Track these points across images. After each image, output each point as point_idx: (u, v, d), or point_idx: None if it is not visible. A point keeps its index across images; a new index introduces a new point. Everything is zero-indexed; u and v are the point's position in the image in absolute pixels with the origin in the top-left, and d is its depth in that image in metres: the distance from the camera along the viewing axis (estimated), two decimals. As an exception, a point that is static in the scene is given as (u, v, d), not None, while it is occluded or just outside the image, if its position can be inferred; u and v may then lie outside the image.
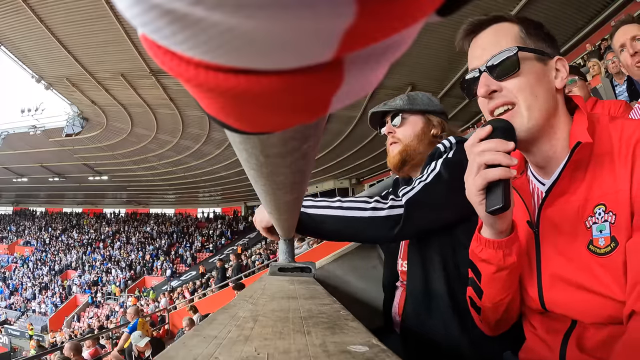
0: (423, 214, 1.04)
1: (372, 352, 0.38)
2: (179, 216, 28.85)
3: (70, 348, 5.05)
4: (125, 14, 0.11)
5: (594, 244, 0.70)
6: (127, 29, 10.03)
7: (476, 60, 0.79)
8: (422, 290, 1.09)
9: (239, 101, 0.15)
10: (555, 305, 0.75)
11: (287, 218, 0.78)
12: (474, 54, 0.80)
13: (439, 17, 0.13)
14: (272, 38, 0.11)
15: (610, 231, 0.68)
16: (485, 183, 0.69)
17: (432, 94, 1.38)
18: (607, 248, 0.68)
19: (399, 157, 1.23)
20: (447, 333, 1.03)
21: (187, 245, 24.64)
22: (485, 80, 0.76)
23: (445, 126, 1.26)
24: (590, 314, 0.71)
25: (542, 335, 0.80)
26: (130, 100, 14.46)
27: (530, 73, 0.75)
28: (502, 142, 0.69)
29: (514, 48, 0.75)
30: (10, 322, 19.86)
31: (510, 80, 0.75)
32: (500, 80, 0.75)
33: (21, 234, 28.68)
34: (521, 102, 0.74)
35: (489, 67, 0.76)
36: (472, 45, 0.81)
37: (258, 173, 0.35)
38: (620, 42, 1.66)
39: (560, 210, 0.74)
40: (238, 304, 0.68)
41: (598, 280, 0.69)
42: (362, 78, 0.15)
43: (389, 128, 1.26)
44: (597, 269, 0.69)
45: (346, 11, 0.11)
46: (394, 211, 1.04)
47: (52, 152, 20.75)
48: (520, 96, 0.74)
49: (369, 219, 1.04)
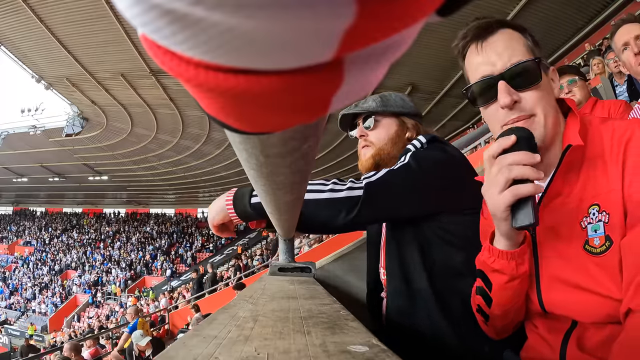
0: (383, 199, 0.99)
1: (372, 352, 0.38)
2: (179, 216, 28.86)
3: (70, 348, 5.05)
4: (125, 14, 0.11)
5: (589, 244, 0.70)
6: (127, 29, 10.03)
7: (489, 66, 0.75)
8: (404, 290, 1.06)
9: (239, 101, 0.15)
10: (555, 306, 0.76)
11: (287, 218, 0.78)
12: (487, 58, 0.76)
13: (439, 17, 0.13)
14: (272, 38, 0.11)
15: (604, 230, 0.68)
16: (514, 200, 0.66)
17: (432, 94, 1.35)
18: (602, 247, 0.68)
19: (371, 161, 1.17)
20: (433, 328, 1.01)
21: (187, 245, 24.65)
22: (506, 90, 0.73)
23: (420, 129, 1.20)
24: (589, 313, 0.71)
25: (544, 334, 0.80)
26: (130, 100, 14.47)
27: (545, 84, 0.75)
28: (529, 155, 0.66)
29: (536, 59, 0.74)
30: (10, 322, 19.86)
31: (530, 92, 0.73)
32: (520, 91, 0.73)
33: (21, 234, 28.69)
34: (540, 113, 0.73)
35: (508, 76, 0.73)
36: (481, 49, 0.77)
37: (258, 173, 0.35)
38: (624, 41, 1.65)
39: (556, 212, 0.75)
40: (238, 304, 0.68)
41: (595, 280, 0.69)
42: (362, 78, 0.15)
43: (361, 131, 1.20)
44: (593, 268, 0.69)
45: (346, 11, 0.11)
46: (352, 192, 0.98)
47: (52, 152, 20.76)
48: (539, 107, 0.73)
49: (325, 200, 0.98)
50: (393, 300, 1.11)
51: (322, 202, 0.99)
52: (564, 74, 2.57)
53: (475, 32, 0.77)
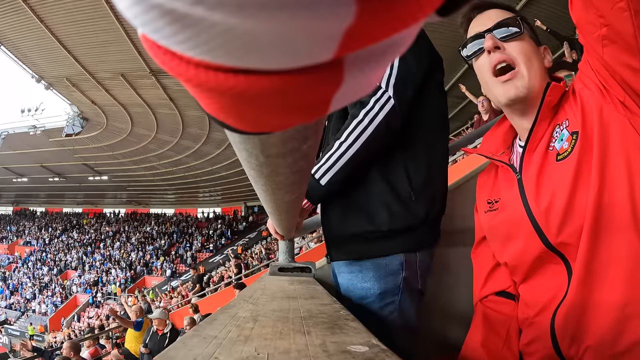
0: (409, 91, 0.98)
1: (372, 352, 0.38)
2: (179, 216, 28.86)
3: (70, 347, 5.05)
4: (126, 14, 0.11)
5: (560, 154, 0.77)
6: (127, 29, 10.03)
7: (481, 27, 0.87)
8: None
9: (239, 101, 0.15)
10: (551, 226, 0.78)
11: (287, 218, 0.78)
12: (480, 22, 0.88)
13: (439, 17, 0.13)
14: (273, 38, 0.11)
15: (568, 132, 0.76)
16: None
17: None
18: (572, 142, 0.75)
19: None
20: None
21: (187, 245, 24.64)
22: (491, 37, 0.84)
23: None
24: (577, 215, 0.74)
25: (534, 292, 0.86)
26: (130, 100, 14.47)
27: (529, 43, 0.85)
28: None
29: (518, 17, 0.85)
30: (10, 322, 19.86)
31: (513, 43, 0.83)
32: (504, 41, 0.84)
33: (21, 234, 28.68)
34: (521, 65, 0.82)
35: (494, 28, 0.85)
36: (477, 18, 0.89)
37: (258, 173, 0.35)
38: None
39: (536, 155, 0.82)
40: (238, 304, 0.68)
41: (575, 177, 0.74)
42: (362, 78, 0.15)
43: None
44: (570, 169, 0.75)
45: (346, 11, 0.11)
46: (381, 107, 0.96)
47: (52, 152, 20.76)
48: (521, 59, 0.82)
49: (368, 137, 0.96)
50: None
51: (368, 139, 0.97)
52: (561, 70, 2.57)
53: (474, 5, 0.90)
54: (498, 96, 0.85)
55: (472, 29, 0.89)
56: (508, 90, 0.83)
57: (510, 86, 0.82)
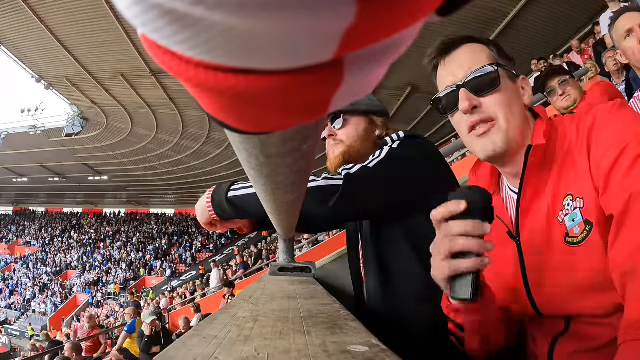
0: (363, 191, 0.96)
1: (372, 352, 0.38)
2: (179, 216, 28.84)
3: (71, 348, 5.06)
4: (126, 14, 0.11)
5: (570, 236, 0.70)
6: (127, 29, 10.03)
7: (452, 77, 0.79)
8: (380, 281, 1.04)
9: (239, 101, 0.15)
10: (549, 307, 0.75)
11: (287, 218, 0.78)
12: (451, 70, 0.79)
13: (439, 17, 0.13)
14: (273, 38, 0.11)
15: (582, 216, 0.69)
16: (453, 274, 0.62)
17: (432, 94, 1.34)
18: (584, 233, 0.69)
19: (341, 158, 1.13)
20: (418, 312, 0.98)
21: (187, 246, 24.63)
22: (466, 96, 0.75)
23: (389, 127, 1.18)
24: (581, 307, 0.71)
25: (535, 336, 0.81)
26: (130, 100, 14.46)
27: (507, 90, 0.77)
28: (478, 225, 0.61)
29: (495, 65, 0.76)
30: (10, 322, 19.85)
31: (490, 97, 0.76)
32: (480, 97, 0.76)
33: (21, 234, 28.67)
34: (500, 117, 0.75)
35: (468, 83, 0.76)
36: (446, 63, 0.81)
37: (258, 173, 0.35)
38: (627, 28, 1.60)
39: (535, 215, 0.75)
40: (238, 304, 0.68)
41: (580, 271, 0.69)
42: (362, 78, 0.15)
43: (330, 130, 1.16)
44: (577, 259, 0.70)
45: (346, 11, 0.11)
46: (329, 182, 0.94)
47: (52, 152, 20.75)
48: (500, 112, 0.75)
49: None
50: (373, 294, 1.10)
51: None
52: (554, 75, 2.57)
53: (440, 47, 0.81)
54: (477, 153, 0.78)
55: (443, 79, 0.81)
56: (485, 146, 0.75)
57: (486, 141, 0.75)
